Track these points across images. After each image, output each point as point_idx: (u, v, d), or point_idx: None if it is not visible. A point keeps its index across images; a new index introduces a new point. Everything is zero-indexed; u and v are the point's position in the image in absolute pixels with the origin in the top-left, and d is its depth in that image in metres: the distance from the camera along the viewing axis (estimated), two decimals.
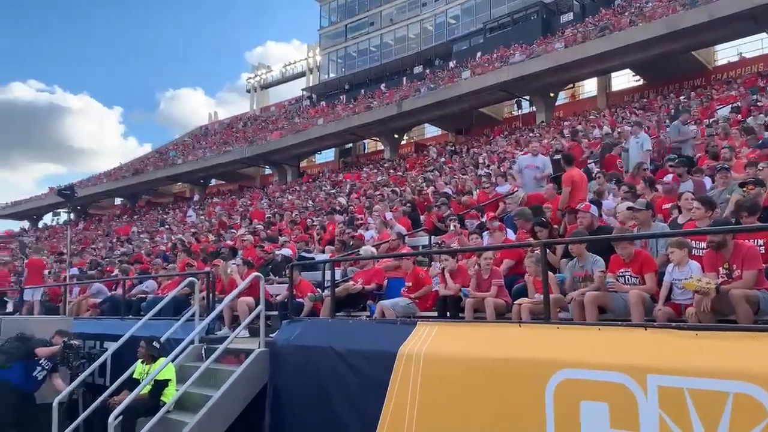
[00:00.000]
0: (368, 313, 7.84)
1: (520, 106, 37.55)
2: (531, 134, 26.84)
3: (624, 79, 38.11)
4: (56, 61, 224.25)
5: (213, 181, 54.32)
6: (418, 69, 46.22)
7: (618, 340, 4.50)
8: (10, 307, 15.06)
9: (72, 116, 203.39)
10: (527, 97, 36.23)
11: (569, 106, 38.69)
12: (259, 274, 8.17)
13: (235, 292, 8.04)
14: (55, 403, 7.42)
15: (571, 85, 37.79)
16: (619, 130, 17.04)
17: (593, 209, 7.48)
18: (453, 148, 32.12)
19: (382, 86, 46.29)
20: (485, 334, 5.43)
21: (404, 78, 45.50)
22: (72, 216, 43.46)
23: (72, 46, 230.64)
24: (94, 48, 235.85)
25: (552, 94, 35.65)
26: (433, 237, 10.90)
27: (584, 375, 4.38)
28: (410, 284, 7.67)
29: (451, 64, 42.34)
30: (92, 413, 7.37)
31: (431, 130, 47.65)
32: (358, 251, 9.86)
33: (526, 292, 6.31)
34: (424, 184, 17.67)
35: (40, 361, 8.31)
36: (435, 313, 6.92)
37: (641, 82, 36.59)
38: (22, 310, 13.81)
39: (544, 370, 4.55)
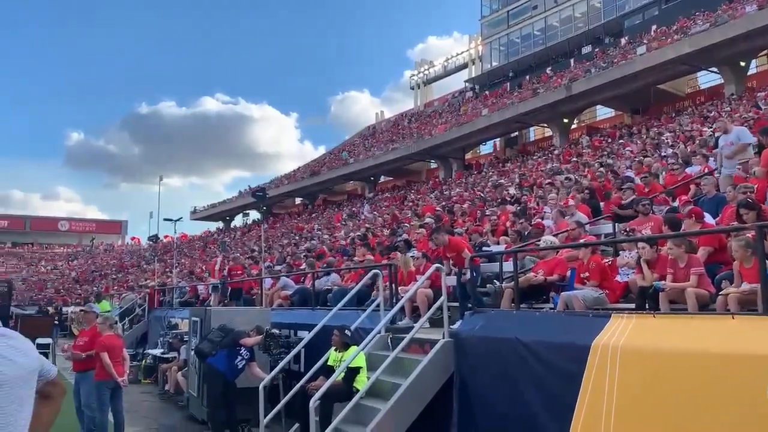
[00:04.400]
0: (551, 305, 7.63)
1: None
2: (720, 108, 24.42)
3: None
4: (239, 75, 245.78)
5: (382, 178, 56.12)
6: (586, 49, 44.00)
7: None
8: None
9: (254, 124, 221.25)
10: (714, 69, 33.08)
11: (764, 75, 34.63)
12: (440, 265, 8.26)
13: (418, 283, 8.23)
14: (261, 388, 8.11)
15: (766, 52, 33.78)
16: None
17: None
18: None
19: (548, 70, 44.67)
20: (691, 327, 4.99)
21: (572, 60, 43.53)
22: (260, 216, 47.27)
23: (251, 61, 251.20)
24: (271, 60, 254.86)
25: (743, 63, 32.14)
26: (617, 224, 10.27)
27: None
28: (587, 275, 7.34)
29: (623, 41, 39.77)
30: (291, 397, 7.96)
31: (603, 112, 45.17)
32: (538, 241, 9.60)
33: (731, 281, 5.72)
34: (602, 168, 16.78)
35: (241, 351, 9.02)
36: (631, 305, 6.53)
37: None
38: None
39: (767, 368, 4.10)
